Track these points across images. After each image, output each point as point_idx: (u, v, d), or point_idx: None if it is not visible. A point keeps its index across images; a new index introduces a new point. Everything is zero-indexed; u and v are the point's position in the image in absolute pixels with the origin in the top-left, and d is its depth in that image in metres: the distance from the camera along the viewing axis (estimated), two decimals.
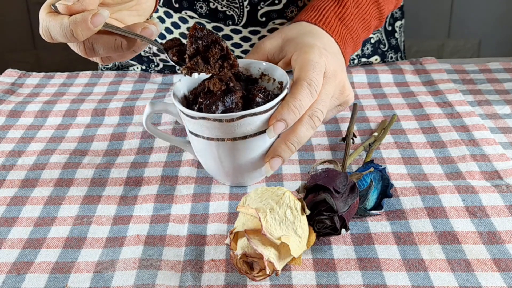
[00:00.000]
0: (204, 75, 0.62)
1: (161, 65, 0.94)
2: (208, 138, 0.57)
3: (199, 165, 0.67)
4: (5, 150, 0.72)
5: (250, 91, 0.58)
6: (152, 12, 0.67)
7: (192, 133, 0.58)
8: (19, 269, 0.52)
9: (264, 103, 0.56)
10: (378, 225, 0.56)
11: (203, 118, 0.55)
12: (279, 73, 0.61)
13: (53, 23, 0.52)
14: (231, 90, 0.57)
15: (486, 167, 0.64)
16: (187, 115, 0.57)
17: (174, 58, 0.58)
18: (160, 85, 0.89)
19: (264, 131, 0.56)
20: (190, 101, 0.61)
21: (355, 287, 0.48)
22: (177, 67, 0.93)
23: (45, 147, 0.72)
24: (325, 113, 0.59)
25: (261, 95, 0.57)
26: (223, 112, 0.56)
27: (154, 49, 0.91)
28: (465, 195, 0.58)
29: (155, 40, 0.58)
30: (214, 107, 0.56)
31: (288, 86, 0.58)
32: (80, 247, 0.55)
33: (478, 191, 0.59)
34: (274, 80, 0.62)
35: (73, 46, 0.56)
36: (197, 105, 0.58)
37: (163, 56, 0.92)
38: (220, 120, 0.54)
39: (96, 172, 0.66)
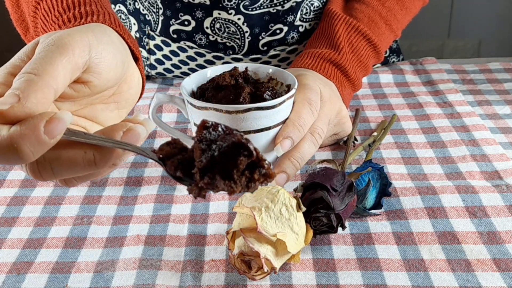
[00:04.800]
0: (215, 73, 0.62)
1: (159, 79, 0.93)
2: None
3: None
4: None
5: (258, 89, 0.59)
6: (137, 102, 0.52)
7: (196, 125, 0.58)
8: (19, 269, 0.52)
9: (272, 100, 0.57)
10: (378, 225, 0.56)
11: (210, 108, 0.55)
12: (286, 77, 0.62)
13: None
14: (239, 86, 0.58)
15: (486, 167, 0.64)
16: (194, 106, 0.57)
17: (178, 173, 0.39)
18: (160, 85, 0.89)
19: (268, 128, 0.57)
20: (198, 95, 0.61)
21: (355, 287, 0.48)
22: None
23: None
24: (325, 132, 0.61)
25: (269, 93, 0.58)
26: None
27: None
28: (465, 195, 0.58)
29: (145, 148, 0.40)
30: (222, 101, 0.57)
31: (296, 86, 0.58)
32: (80, 247, 0.55)
33: (478, 191, 0.59)
34: (282, 84, 0.62)
35: (20, 165, 0.38)
36: (204, 98, 0.59)
37: (163, 72, 0.90)
38: (227, 111, 0.55)
39: None
